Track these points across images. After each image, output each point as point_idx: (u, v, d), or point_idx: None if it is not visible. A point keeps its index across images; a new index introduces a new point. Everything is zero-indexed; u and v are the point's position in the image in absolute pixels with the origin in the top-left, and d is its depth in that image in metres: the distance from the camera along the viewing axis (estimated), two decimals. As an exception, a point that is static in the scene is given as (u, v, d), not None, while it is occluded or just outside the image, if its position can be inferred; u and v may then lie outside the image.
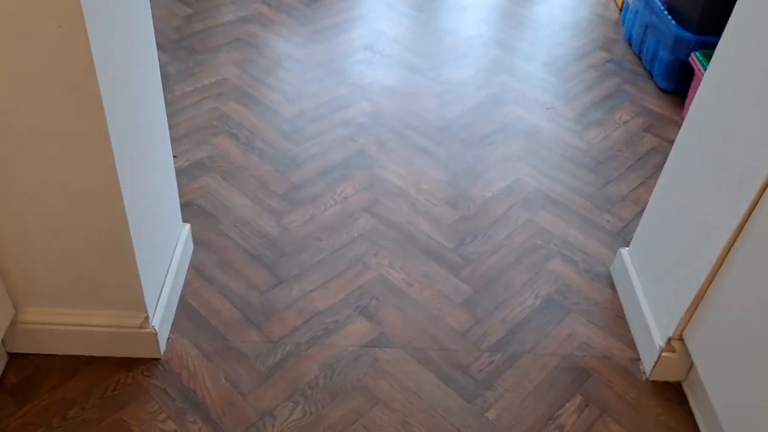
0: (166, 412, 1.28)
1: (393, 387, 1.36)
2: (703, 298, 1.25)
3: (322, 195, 1.82)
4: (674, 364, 1.36)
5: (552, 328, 1.51)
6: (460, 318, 1.52)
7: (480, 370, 1.40)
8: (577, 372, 1.41)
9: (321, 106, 2.17)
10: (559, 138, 2.11)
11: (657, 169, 1.97)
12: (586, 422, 1.32)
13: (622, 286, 1.57)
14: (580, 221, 1.80)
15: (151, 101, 1.30)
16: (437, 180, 1.90)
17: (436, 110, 2.19)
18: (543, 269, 1.65)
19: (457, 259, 1.67)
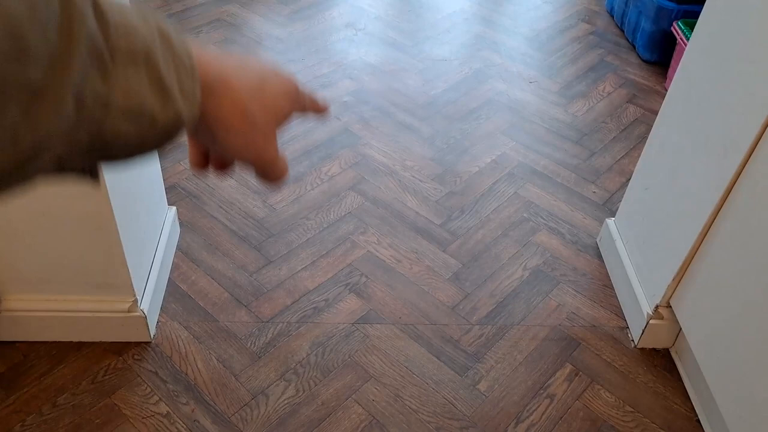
0: (158, 395, 1.28)
1: (384, 362, 1.36)
2: (690, 264, 1.26)
3: (308, 174, 1.81)
4: (662, 331, 1.38)
5: (540, 300, 1.52)
6: (450, 292, 1.52)
7: (470, 343, 1.41)
8: (566, 342, 1.43)
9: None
10: (544, 111, 2.10)
11: (641, 140, 1.98)
12: (576, 391, 1.33)
13: (609, 256, 1.59)
14: (566, 193, 1.80)
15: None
16: (422, 156, 1.90)
17: (419, 87, 2.18)
18: (530, 242, 1.66)
19: (445, 234, 1.67)
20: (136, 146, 0.32)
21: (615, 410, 1.30)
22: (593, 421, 1.28)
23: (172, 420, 1.24)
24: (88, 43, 0.27)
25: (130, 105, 0.30)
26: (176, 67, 0.32)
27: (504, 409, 1.30)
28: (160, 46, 0.31)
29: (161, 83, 0.31)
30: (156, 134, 0.32)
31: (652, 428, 1.28)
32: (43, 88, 0.25)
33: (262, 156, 0.41)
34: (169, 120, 0.32)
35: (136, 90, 0.30)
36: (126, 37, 0.29)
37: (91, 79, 0.28)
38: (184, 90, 0.33)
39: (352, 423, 1.26)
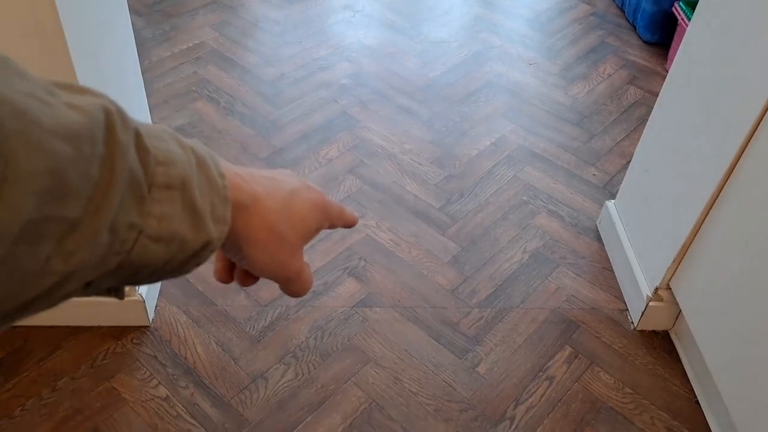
0: (158, 379, 1.28)
1: (383, 346, 1.36)
2: (690, 246, 1.26)
3: (306, 158, 1.80)
4: (661, 313, 1.38)
5: (540, 283, 1.51)
6: (449, 276, 1.52)
7: (470, 326, 1.41)
8: (566, 324, 1.43)
9: (301, 68, 2.13)
10: (543, 94, 2.09)
11: (641, 122, 1.96)
12: (575, 373, 1.34)
13: (609, 239, 1.58)
14: (565, 176, 1.80)
15: (126, 67, 1.26)
16: (421, 140, 1.88)
17: (418, 69, 2.16)
18: (530, 225, 1.65)
19: (444, 217, 1.66)
20: (163, 268, 0.32)
21: (614, 392, 1.30)
22: (593, 403, 1.28)
23: (172, 403, 1.24)
24: (127, 177, 0.28)
25: (162, 231, 0.30)
26: (210, 193, 0.33)
27: (503, 391, 1.30)
28: (196, 173, 0.32)
29: (194, 210, 0.32)
30: (184, 257, 0.33)
31: (652, 410, 1.28)
32: (79, 223, 0.26)
33: (287, 270, 0.42)
34: (199, 243, 0.33)
35: (170, 217, 0.31)
36: (164, 168, 0.30)
37: (127, 209, 0.28)
38: (215, 214, 0.34)
39: (352, 406, 1.26)
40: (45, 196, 0.24)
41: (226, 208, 0.35)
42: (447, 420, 1.25)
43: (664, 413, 1.27)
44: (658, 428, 1.25)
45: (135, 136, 0.29)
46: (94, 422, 1.20)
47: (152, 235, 0.30)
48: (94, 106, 0.27)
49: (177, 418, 1.22)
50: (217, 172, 0.34)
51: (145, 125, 0.31)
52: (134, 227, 0.29)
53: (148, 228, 0.29)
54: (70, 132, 0.25)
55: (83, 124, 0.26)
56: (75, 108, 0.26)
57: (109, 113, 0.27)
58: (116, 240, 0.28)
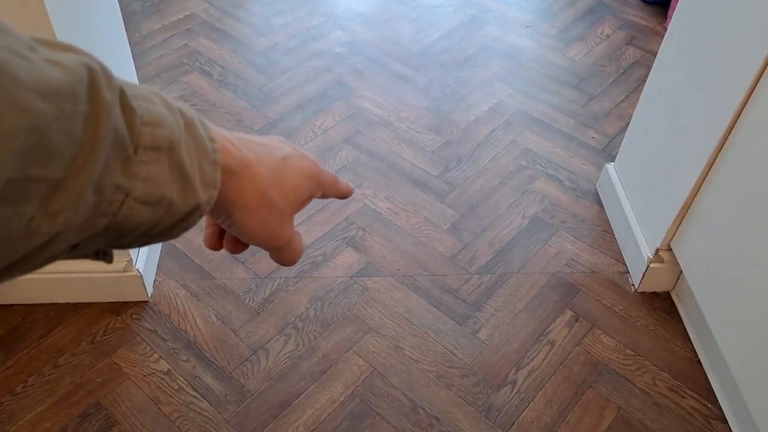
0: (158, 353, 1.28)
1: (383, 314, 1.36)
2: (691, 206, 1.24)
3: (301, 129, 1.78)
4: (662, 274, 1.37)
5: (540, 247, 1.50)
6: (448, 243, 1.51)
7: (470, 293, 1.41)
8: (566, 288, 1.42)
9: (294, 37, 2.09)
10: (541, 56, 2.05)
11: (641, 83, 1.93)
12: (576, 336, 1.33)
13: (609, 201, 1.57)
14: (564, 139, 1.77)
15: (113, 40, 1.24)
16: (418, 107, 1.86)
17: (412, 35, 2.12)
18: (529, 190, 1.64)
19: (442, 185, 1.64)
20: (150, 231, 0.32)
21: (615, 354, 1.30)
22: (594, 365, 1.28)
23: (174, 377, 1.24)
24: (112, 136, 0.27)
25: (150, 194, 0.30)
26: (199, 155, 0.33)
27: (504, 356, 1.30)
28: (184, 136, 0.32)
29: (182, 172, 0.31)
30: (172, 220, 0.32)
31: (653, 370, 1.28)
32: (62, 182, 0.25)
33: (277, 238, 0.41)
34: (188, 207, 0.32)
35: (157, 179, 0.30)
36: (151, 128, 0.30)
37: (112, 170, 0.27)
38: (204, 178, 0.33)
39: (353, 374, 1.26)
40: (26, 155, 0.23)
41: (215, 172, 0.34)
42: (449, 386, 1.25)
43: (666, 373, 1.27)
44: (659, 388, 1.25)
45: (120, 95, 0.28)
46: (97, 397, 1.20)
47: (139, 197, 0.29)
48: (76, 63, 0.26)
49: (179, 391, 1.22)
50: (207, 136, 0.34)
51: (131, 85, 0.30)
52: (121, 189, 0.28)
53: (134, 190, 0.29)
54: (51, 89, 0.24)
55: (65, 81, 0.25)
56: (57, 65, 0.25)
57: (92, 71, 0.27)
58: (102, 201, 0.27)
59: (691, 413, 1.22)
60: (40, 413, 1.18)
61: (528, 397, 1.24)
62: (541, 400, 1.23)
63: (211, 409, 1.20)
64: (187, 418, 1.19)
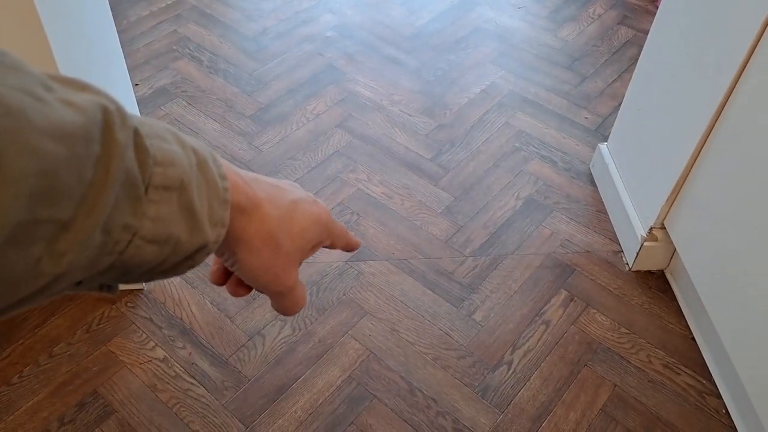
0: (154, 341, 1.28)
1: (379, 298, 1.36)
2: (684, 184, 1.24)
3: (293, 114, 1.77)
4: (656, 252, 1.37)
5: (534, 229, 1.50)
6: (442, 226, 1.51)
7: (465, 275, 1.41)
8: (561, 268, 1.42)
9: (284, 21, 2.07)
10: (533, 37, 2.04)
11: (633, 62, 1.93)
12: (571, 315, 1.34)
13: (602, 181, 1.57)
14: (557, 120, 1.77)
15: (100, 27, 1.22)
16: (410, 90, 1.85)
17: (403, 18, 2.11)
18: (523, 171, 1.64)
19: (436, 168, 1.64)
20: (156, 268, 0.31)
21: (610, 332, 1.31)
22: (589, 344, 1.29)
23: (170, 364, 1.24)
24: (123, 177, 0.27)
25: (158, 233, 0.30)
26: (209, 194, 0.32)
27: (500, 337, 1.30)
28: (195, 174, 0.31)
29: (191, 211, 0.31)
30: (179, 258, 0.32)
31: (648, 348, 1.29)
32: (70, 223, 0.25)
33: (279, 283, 0.40)
34: (195, 246, 0.32)
35: (166, 219, 0.30)
36: (163, 168, 0.29)
37: (121, 210, 0.27)
38: (213, 217, 0.33)
39: (350, 358, 1.26)
40: (35, 197, 0.23)
41: (225, 210, 0.34)
42: (445, 367, 1.25)
43: (661, 351, 1.28)
44: (654, 366, 1.26)
45: (134, 136, 0.28)
46: (93, 385, 1.20)
47: (146, 236, 0.29)
48: (91, 104, 0.26)
49: (175, 378, 1.22)
50: (219, 173, 0.33)
51: (146, 123, 0.30)
52: (129, 228, 0.28)
53: (142, 229, 0.29)
54: (64, 132, 0.24)
55: (79, 123, 0.25)
56: (71, 105, 0.25)
57: (107, 112, 0.26)
58: (109, 241, 0.27)
59: (685, 389, 1.23)
60: (36, 403, 1.18)
61: (524, 377, 1.24)
62: (537, 380, 1.24)
63: (209, 395, 1.20)
64: (184, 404, 1.19)
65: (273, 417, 1.18)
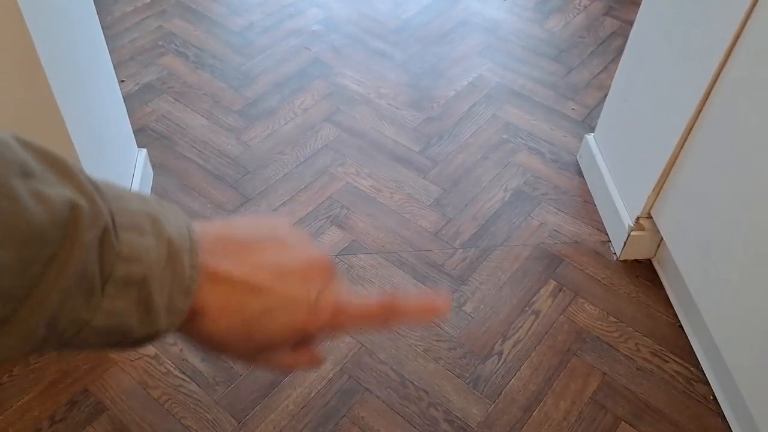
0: (145, 338, 1.27)
1: (370, 291, 1.37)
2: (670, 173, 1.26)
3: (281, 108, 1.76)
4: (644, 241, 1.39)
5: (522, 220, 1.51)
6: (432, 218, 1.51)
7: (454, 267, 1.41)
8: (550, 259, 1.43)
9: (270, 16, 2.06)
10: (519, 29, 2.05)
11: (619, 53, 1.93)
12: (560, 305, 1.35)
13: (590, 172, 1.58)
14: (545, 112, 1.78)
15: (83, 24, 1.21)
16: (398, 83, 1.85)
17: (390, 11, 2.10)
18: (511, 163, 1.64)
19: (425, 161, 1.64)
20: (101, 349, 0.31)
21: (599, 321, 1.32)
22: (578, 333, 1.30)
23: (161, 361, 1.24)
24: (80, 274, 0.26)
25: (109, 324, 0.29)
26: (172, 286, 0.31)
27: (490, 328, 1.31)
28: (161, 269, 0.30)
29: (149, 305, 0.30)
30: (127, 344, 0.31)
31: (636, 336, 1.30)
32: (11, 320, 0.24)
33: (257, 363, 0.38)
34: (144, 334, 0.31)
35: (120, 312, 0.29)
36: (127, 265, 0.29)
37: (72, 304, 0.26)
38: (172, 308, 0.31)
39: (341, 352, 1.27)
40: None
41: (186, 301, 0.32)
42: (436, 359, 1.26)
43: (649, 339, 1.29)
44: (643, 354, 1.27)
45: (103, 232, 0.27)
46: (84, 383, 1.20)
47: (96, 327, 0.28)
48: (61, 201, 0.25)
49: (167, 374, 1.22)
50: (191, 263, 0.32)
51: (126, 212, 0.29)
52: (78, 322, 0.27)
53: (94, 321, 0.28)
54: (18, 238, 0.24)
55: (38, 223, 0.24)
56: (40, 201, 0.25)
57: (76, 208, 0.26)
58: (54, 334, 0.27)
59: (673, 376, 1.24)
60: (27, 402, 1.18)
61: (514, 367, 1.25)
62: (527, 370, 1.25)
63: (200, 390, 1.20)
64: (176, 400, 1.19)
65: (265, 411, 1.18)
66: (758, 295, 1.03)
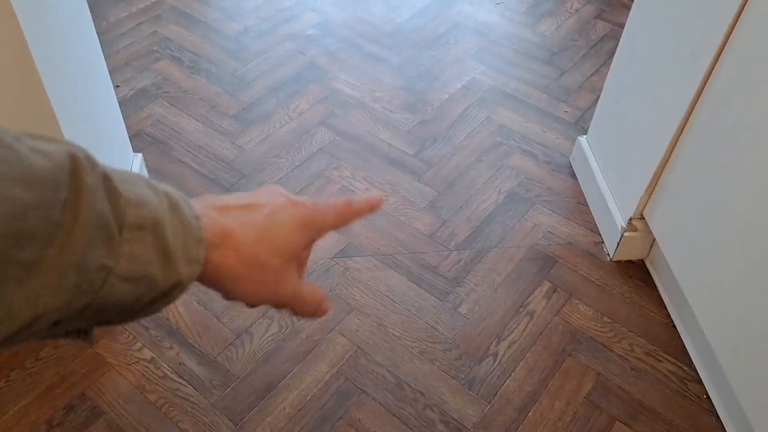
0: (141, 341, 1.28)
1: (365, 293, 1.37)
2: (662, 174, 1.27)
3: (276, 112, 1.77)
4: (636, 242, 1.40)
5: (516, 222, 1.52)
6: (426, 221, 1.52)
7: (449, 269, 1.42)
8: (544, 260, 1.44)
9: (265, 20, 2.07)
10: (512, 33, 2.06)
11: (611, 56, 1.95)
12: (555, 306, 1.36)
13: (583, 174, 1.59)
14: (537, 114, 1.79)
15: (79, 29, 1.22)
16: (392, 86, 1.86)
17: (384, 15, 2.12)
18: (504, 165, 1.66)
19: (419, 163, 1.65)
20: (132, 306, 0.32)
21: (593, 322, 1.33)
22: (572, 334, 1.31)
23: (158, 365, 1.24)
24: (94, 219, 0.28)
25: (133, 271, 0.31)
26: (183, 233, 0.34)
27: (485, 329, 1.32)
28: (168, 215, 0.33)
29: (166, 250, 0.32)
30: (154, 296, 0.33)
31: (630, 336, 1.31)
32: (39, 265, 0.26)
33: (277, 297, 0.41)
34: (169, 283, 0.33)
35: (141, 258, 0.31)
36: (136, 209, 0.31)
37: (95, 250, 0.28)
38: (188, 254, 0.34)
39: (338, 354, 1.28)
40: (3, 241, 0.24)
41: (199, 248, 0.35)
42: (432, 360, 1.27)
43: (642, 339, 1.31)
44: (637, 354, 1.28)
45: (104, 179, 0.29)
46: (81, 388, 1.20)
47: (121, 275, 0.30)
48: (60, 152, 0.27)
49: (164, 378, 1.23)
50: (192, 214, 0.35)
51: (116, 171, 0.31)
52: (103, 268, 0.29)
53: (117, 268, 0.30)
54: (32, 178, 0.25)
55: (48, 169, 0.26)
56: (40, 153, 0.27)
57: (75, 158, 0.28)
58: (84, 281, 0.28)
59: (667, 376, 1.25)
60: (24, 406, 1.18)
61: (509, 368, 1.26)
62: (522, 370, 1.26)
63: (197, 394, 1.21)
64: (173, 404, 1.19)
65: (262, 414, 1.19)
66: (750, 294, 1.04)
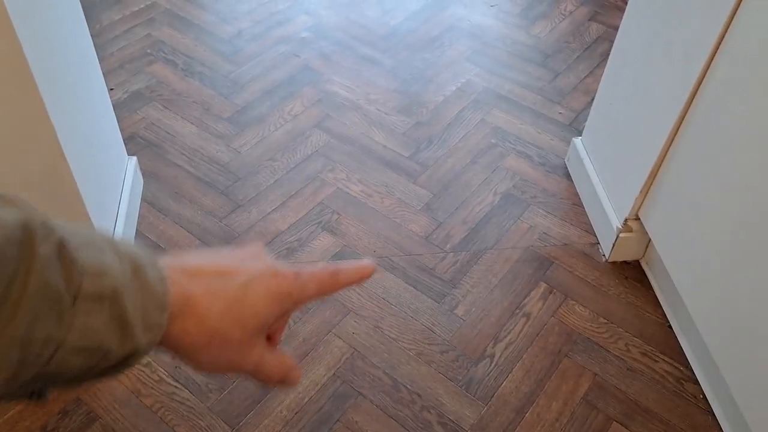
0: (137, 345, 1.27)
1: (361, 296, 1.37)
2: (657, 175, 1.27)
3: (271, 115, 1.77)
4: (632, 243, 1.40)
5: (512, 223, 1.52)
6: (422, 223, 1.52)
7: (445, 270, 1.42)
8: (539, 262, 1.44)
9: (259, 23, 2.07)
10: (506, 35, 2.07)
11: (605, 58, 1.96)
12: (551, 307, 1.36)
13: (578, 175, 1.59)
14: (532, 116, 1.79)
15: (73, 32, 1.21)
16: (387, 89, 1.86)
17: (378, 18, 2.12)
18: (499, 167, 1.66)
19: (414, 165, 1.65)
20: (85, 375, 0.31)
21: (589, 323, 1.33)
22: (569, 335, 1.31)
23: (153, 368, 1.24)
24: (44, 291, 0.27)
25: (85, 343, 0.29)
26: (144, 301, 0.32)
27: (482, 330, 1.32)
28: (129, 282, 0.31)
29: (124, 320, 0.31)
30: (108, 365, 0.31)
31: (626, 337, 1.31)
32: None
33: (239, 368, 0.39)
34: (125, 352, 0.31)
35: (95, 329, 0.29)
36: (94, 278, 0.29)
37: (43, 323, 0.27)
38: (148, 323, 0.32)
39: (334, 357, 1.27)
40: None
41: (163, 314, 0.33)
42: (429, 362, 1.27)
43: (638, 339, 1.31)
44: (633, 354, 1.29)
45: (58, 249, 0.28)
46: (76, 392, 1.20)
47: (73, 347, 0.29)
48: (11, 220, 0.26)
49: (159, 382, 1.22)
50: (158, 277, 0.33)
51: (79, 234, 0.30)
52: (51, 341, 0.28)
53: (69, 340, 0.28)
54: None
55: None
56: None
57: (28, 227, 0.27)
58: (29, 355, 0.27)
59: (663, 376, 1.26)
60: (18, 412, 1.17)
61: (506, 369, 1.26)
62: (519, 372, 1.26)
63: (193, 398, 1.20)
64: (169, 408, 1.19)
65: (259, 417, 1.18)
66: (746, 294, 1.04)
